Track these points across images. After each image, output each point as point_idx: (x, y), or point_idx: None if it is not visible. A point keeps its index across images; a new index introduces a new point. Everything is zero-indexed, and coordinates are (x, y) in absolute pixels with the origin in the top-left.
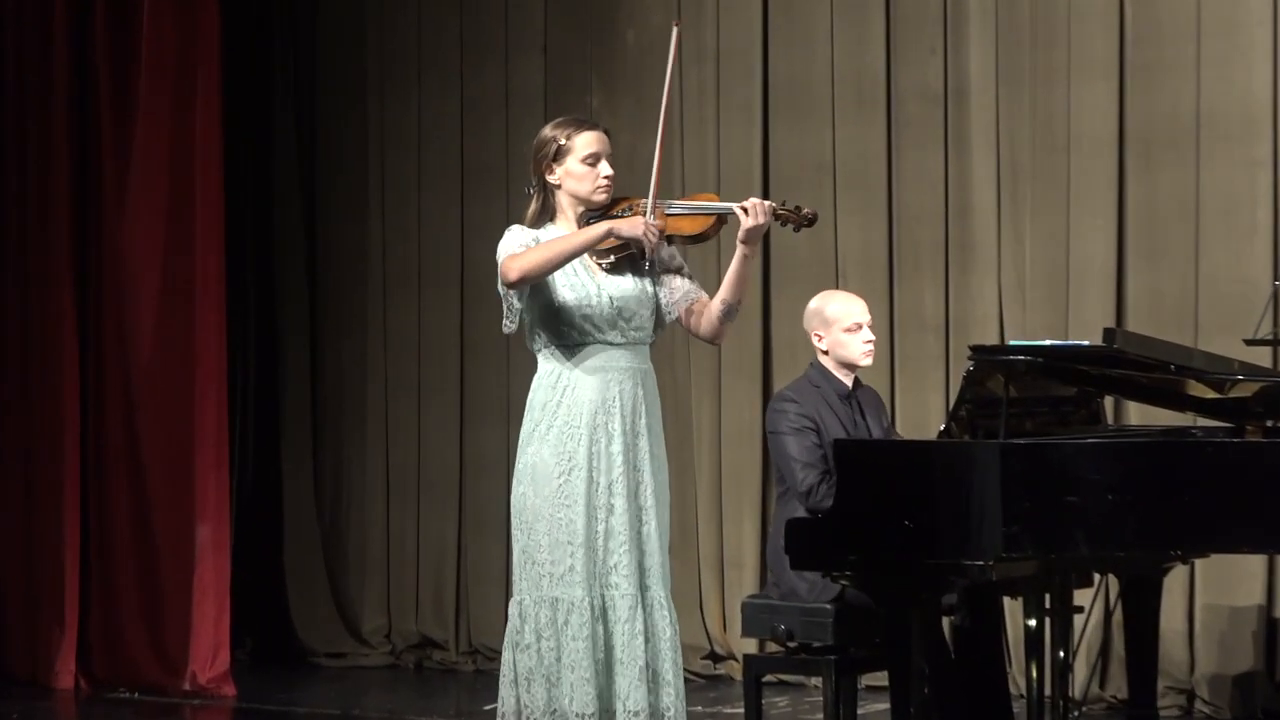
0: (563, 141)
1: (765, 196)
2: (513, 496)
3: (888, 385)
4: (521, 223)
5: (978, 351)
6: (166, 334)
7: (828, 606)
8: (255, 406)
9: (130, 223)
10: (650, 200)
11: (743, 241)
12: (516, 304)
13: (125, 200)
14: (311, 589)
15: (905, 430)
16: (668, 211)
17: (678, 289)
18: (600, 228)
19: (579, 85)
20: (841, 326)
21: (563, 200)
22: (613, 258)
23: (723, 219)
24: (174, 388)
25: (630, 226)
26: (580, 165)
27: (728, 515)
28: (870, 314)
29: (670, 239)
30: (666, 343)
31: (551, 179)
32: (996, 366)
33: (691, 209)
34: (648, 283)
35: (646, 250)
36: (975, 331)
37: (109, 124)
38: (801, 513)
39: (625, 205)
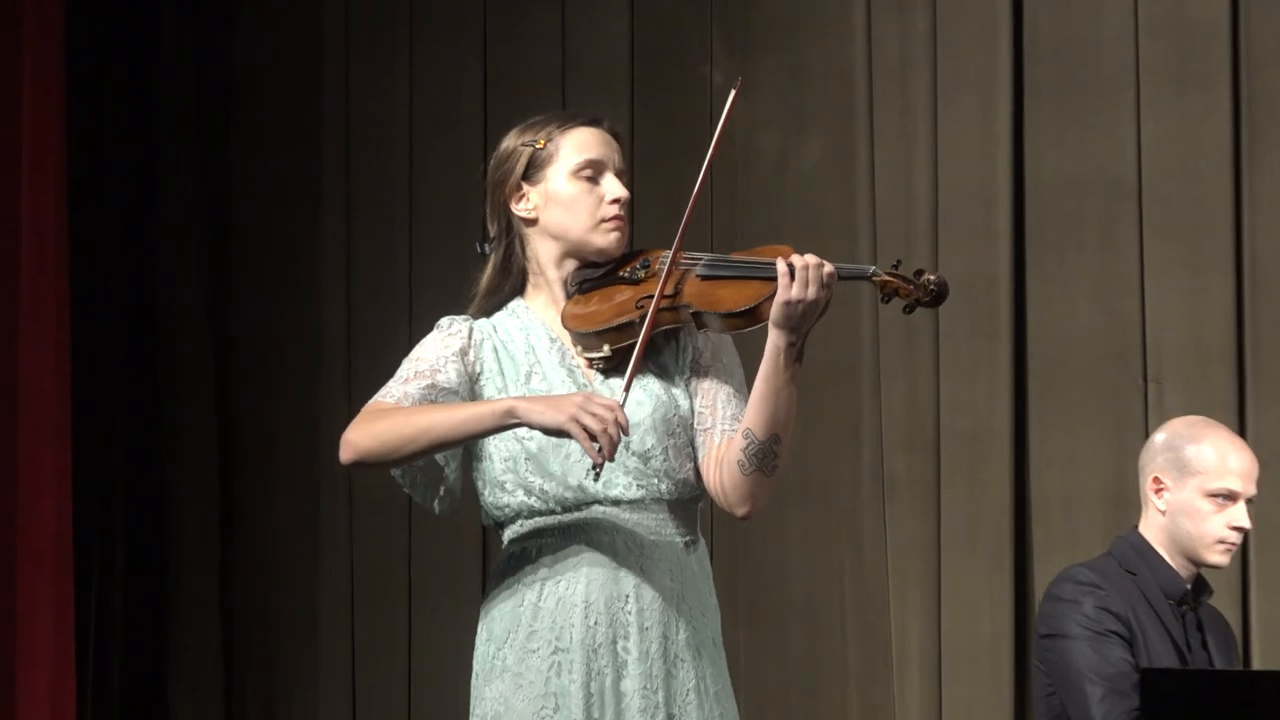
0: (538, 145)
1: (1019, 231)
2: None
3: (1238, 578)
4: (467, 307)
5: None
6: None
7: None
8: (125, 629)
9: None
10: (668, 260)
11: (775, 324)
12: (447, 469)
13: None
14: None
15: (1269, 656)
16: (701, 273)
17: (719, 403)
18: (498, 406)
19: (691, 48)
20: (1205, 486)
21: (539, 251)
22: (608, 349)
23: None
24: None
25: (556, 412)
26: (569, 181)
27: None
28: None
29: (701, 319)
30: (839, 487)
31: (521, 211)
32: None
33: (738, 269)
34: (677, 388)
35: (591, 462)
36: None
37: None
38: None
39: (641, 260)
